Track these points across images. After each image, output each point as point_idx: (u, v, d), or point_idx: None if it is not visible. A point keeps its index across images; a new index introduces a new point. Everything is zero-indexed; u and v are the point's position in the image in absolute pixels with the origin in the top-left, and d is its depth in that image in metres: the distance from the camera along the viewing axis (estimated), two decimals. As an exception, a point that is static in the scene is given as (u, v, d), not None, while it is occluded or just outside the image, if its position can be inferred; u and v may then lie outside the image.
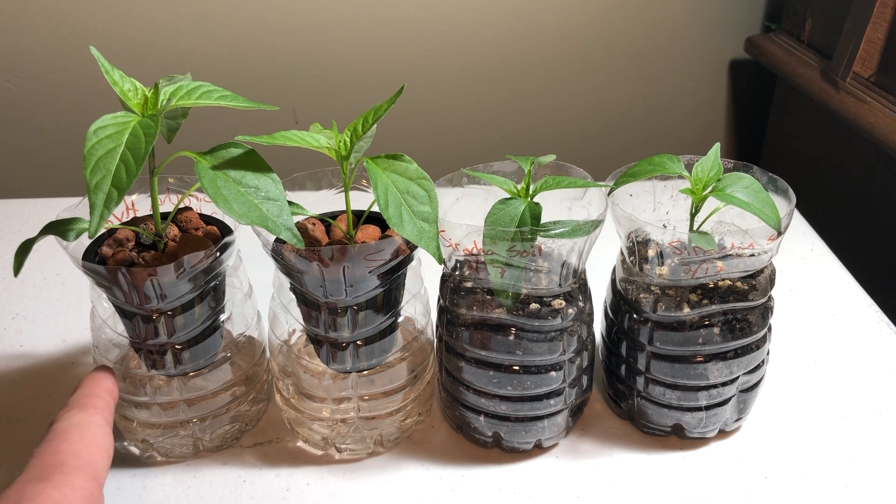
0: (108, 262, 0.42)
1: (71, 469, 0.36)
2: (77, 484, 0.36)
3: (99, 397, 0.41)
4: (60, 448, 0.37)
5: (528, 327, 0.44)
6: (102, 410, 0.41)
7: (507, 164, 0.47)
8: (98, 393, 0.41)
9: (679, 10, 1.20)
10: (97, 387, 0.42)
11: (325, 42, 1.16)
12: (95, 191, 0.34)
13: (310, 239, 0.43)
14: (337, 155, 0.41)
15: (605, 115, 1.28)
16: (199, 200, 0.48)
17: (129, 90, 0.39)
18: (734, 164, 0.48)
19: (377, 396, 0.48)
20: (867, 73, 0.91)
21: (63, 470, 0.36)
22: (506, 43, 1.19)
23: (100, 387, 0.42)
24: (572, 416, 0.50)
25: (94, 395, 0.41)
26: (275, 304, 0.48)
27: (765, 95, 1.27)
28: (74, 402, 0.41)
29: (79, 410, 0.40)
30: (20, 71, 1.14)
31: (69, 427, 0.39)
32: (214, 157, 0.39)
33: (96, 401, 0.41)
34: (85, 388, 0.42)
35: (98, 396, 0.41)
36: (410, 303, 0.48)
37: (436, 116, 1.25)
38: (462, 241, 0.43)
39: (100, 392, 0.42)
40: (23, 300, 0.65)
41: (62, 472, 0.36)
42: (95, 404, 0.41)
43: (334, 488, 0.47)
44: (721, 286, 0.46)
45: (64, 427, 0.39)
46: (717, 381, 0.47)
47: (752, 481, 0.47)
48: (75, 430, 0.39)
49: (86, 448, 0.38)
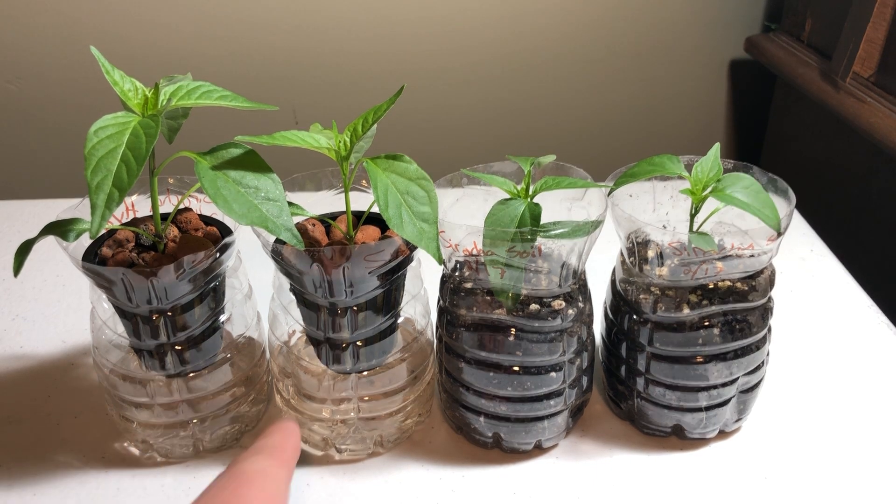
0: (108, 263, 0.42)
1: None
2: None
3: (287, 451, 0.40)
4: (241, 492, 0.36)
5: (528, 328, 0.44)
6: (288, 462, 0.39)
7: (507, 165, 0.47)
8: (286, 448, 0.40)
9: (679, 10, 1.20)
10: (287, 441, 0.40)
11: (325, 42, 1.16)
12: (96, 191, 0.34)
13: (310, 240, 0.43)
14: (337, 155, 0.41)
15: (605, 116, 1.28)
16: (199, 201, 0.48)
17: (129, 90, 0.39)
18: (734, 164, 0.48)
19: (377, 397, 0.48)
20: (867, 73, 0.91)
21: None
22: (506, 43, 1.19)
23: (289, 442, 0.40)
24: (572, 417, 0.50)
25: (282, 448, 0.40)
26: (275, 304, 0.48)
27: (765, 95, 1.27)
28: (262, 447, 0.39)
29: (267, 457, 0.38)
30: (20, 71, 1.14)
31: (253, 472, 0.37)
32: (214, 157, 0.39)
33: (283, 454, 0.39)
34: (275, 437, 0.40)
35: (286, 451, 0.40)
36: (410, 303, 0.48)
37: (436, 116, 1.25)
38: (462, 241, 0.43)
39: (288, 447, 0.40)
40: (23, 301, 0.65)
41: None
42: (282, 456, 0.39)
43: (334, 488, 0.47)
44: (721, 287, 0.46)
45: (248, 471, 0.37)
46: (717, 382, 0.47)
47: (752, 482, 0.47)
48: (258, 479, 0.37)
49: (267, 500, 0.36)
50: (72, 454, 0.50)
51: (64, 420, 0.52)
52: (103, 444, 0.50)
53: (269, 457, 0.39)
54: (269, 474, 0.38)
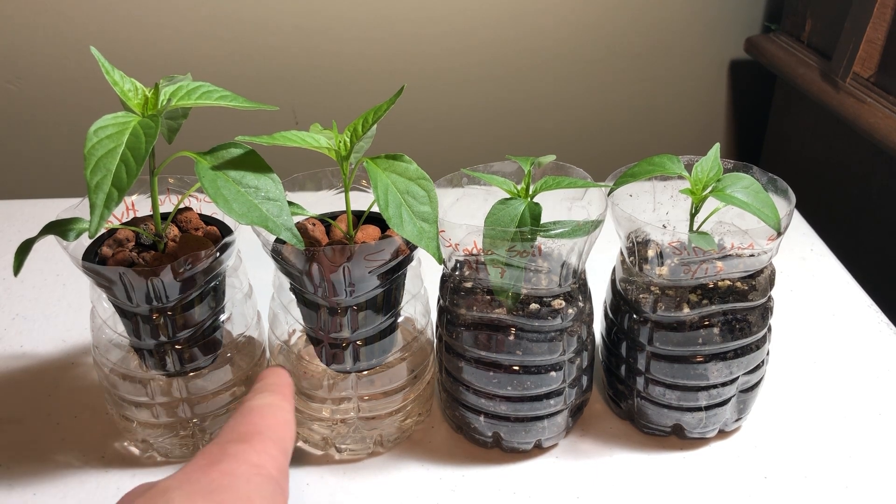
0: (108, 263, 0.42)
1: (267, 439, 0.37)
2: (273, 453, 0.37)
3: (285, 386, 0.42)
4: (257, 421, 0.38)
5: (528, 327, 0.44)
6: (290, 398, 0.42)
7: (507, 165, 0.47)
8: (283, 384, 0.42)
9: (679, 11, 1.20)
10: (281, 378, 0.43)
11: (325, 42, 1.16)
12: (96, 191, 0.34)
13: (310, 239, 0.43)
14: (337, 155, 0.41)
15: (605, 116, 1.28)
16: (199, 200, 0.48)
17: (129, 90, 0.39)
18: (734, 164, 0.48)
19: (377, 397, 0.48)
20: (867, 73, 0.91)
21: (261, 438, 0.37)
22: (506, 43, 1.19)
23: (283, 379, 0.43)
24: (572, 417, 0.50)
25: (282, 384, 0.42)
26: (275, 304, 0.48)
27: (765, 95, 1.27)
28: (263, 387, 0.42)
29: (270, 394, 0.41)
30: (20, 71, 1.14)
31: (264, 406, 0.40)
32: (214, 157, 0.39)
33: (284, 389, 0.42)
34: (270, 377, 0.43)
35: (284, 385, 0.42)
36: (410, 303, 0.48)
37: (436, 116, 1.25)
38: (462, 241, 0.43)
39: (284, 384, 0.43)
40: (23, 301, 0.65)
41: (260, 440, 0.37)
42: (284, 392, 0.42)
43: (334, 488, 0.47)
44: (721, 286, 0.46)
45: (259, 405, 0.40)
46: (716, 382, 0.47)
47: (752, 481, 0.47)
48: (269, 410, 0.39)
49: (279, 426, 0.39)
50: (72, 454, 0.50)
51: (64, 420, 0.52)
52: (103, 444, 0.50)
53: (272, 393, 0.41)
54: (277, 405, 0.40)
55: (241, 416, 0.39)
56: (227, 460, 0.35)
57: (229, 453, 0.36)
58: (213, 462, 0.35)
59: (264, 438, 0.37)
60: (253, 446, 0.36)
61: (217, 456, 0.35)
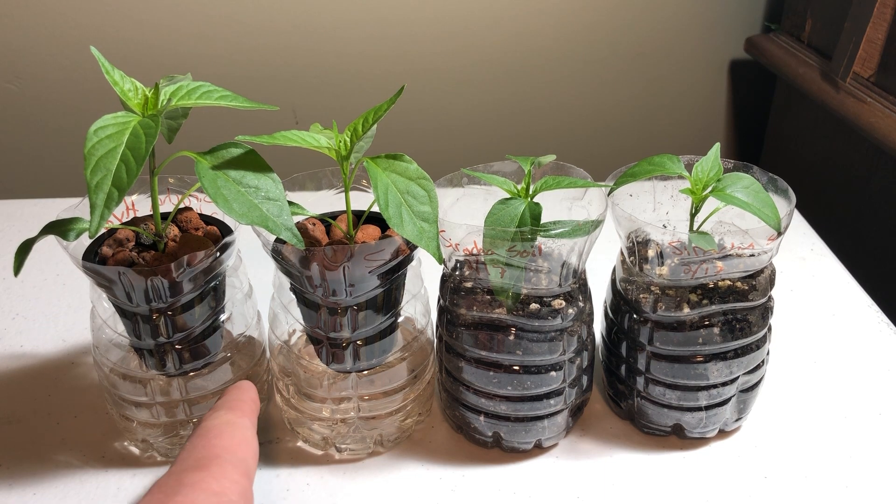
0: (108, 263, 0.42)
1: (226, 462, 0.36)
2: (234, 477, 0.36)
3: (245, 402, 0.42)
4: (214, 443, 0.37)
5: (528, 327, 0.44)
6: (250, 414, 0.41)
7: (507, 164, 0.48)
8: (245, 399, 0.42)
9: (679, 11, 1.20)
10: (243, 394, 0.42)
11: (325, 42, 1.16)
12: (96, 190, 0.34)
13: (310, 239, 0.43)
14: (337, 155, 0.41)
15: (606, 116, 1.28)
16: (200, 200, 0.48)
17: (129, 90, 0.39)
18: (734, 164, 0.48)
19: (377, 396, 0.48)
20: (867, 73, 0.91)
21: (219, 462, 0.36)
22: (506, 43, 1.19)
23: (245, 395, 0.42)
24: (572, 416, 0.50)
25: (241, 400, 0.42)
26: (275, 304, 0.48)
27: (765, 95, 1.27)
28: (222, 404, 0.41)
29: (228, 411, 0.40)
30: (20, 71, 1.14)
31: (221, 425, 0.39)
32: (214, 157, 0.39)
33: (243, 405, 0.41)
34: (231, 394, 0.42)
35: (245, 402, 0.42)
36: (410, 303, 0.48)
37: (436, 116, 1.25)
38: (462, 241, 0.43)
39: (246, 399, 0.42)
40: (23, 300, 0.65)
41: (218, 465, 0.36)
42: (243, 408, 0.41)
43: (334, 488, 0.47)
44: (721, 286, 0.46)
45: (215, 424, 0.39)
46: (717, 381, 0.47)
47: (752, 481, 0.47)
48: (227, 428, 0.39)
49: (238, 446, 0.38)
50: (72, 454, 0.50)
51: (64, 419, 0.52)
52: (103, 444, 0.50)
53: (229, 410, 0.40)
54: (234, 423, 0.39)
55: (197, 438, 0.38)
56: (185, 491, 0.34)
57: (186, 483, 0.34)
58: (169, 495, 0.34)
59: (223, 462, 0.36)
60: (211, 473, 0.35)
61: (174, 487, 0.34)
